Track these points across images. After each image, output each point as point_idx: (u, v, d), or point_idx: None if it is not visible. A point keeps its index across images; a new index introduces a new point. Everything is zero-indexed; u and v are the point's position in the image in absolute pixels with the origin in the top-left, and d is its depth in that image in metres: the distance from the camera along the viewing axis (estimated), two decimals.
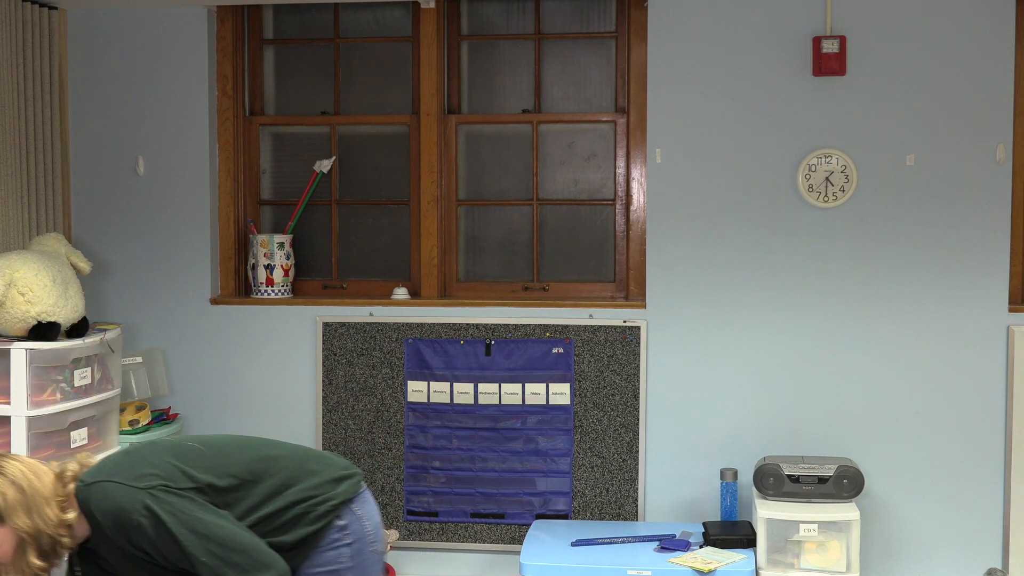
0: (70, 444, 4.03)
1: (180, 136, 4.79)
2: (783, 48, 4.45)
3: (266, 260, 4.76)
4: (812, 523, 4.10)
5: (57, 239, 4.28)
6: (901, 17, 4.40)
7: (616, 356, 4.57)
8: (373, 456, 4.71)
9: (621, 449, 4.59)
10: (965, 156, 4.40)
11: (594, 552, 4.16)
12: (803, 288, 4.49)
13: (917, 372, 4.45)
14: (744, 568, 3.99)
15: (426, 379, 4.66)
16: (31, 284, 3.95)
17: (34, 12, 4.49)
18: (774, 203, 4.49)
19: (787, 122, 4.47)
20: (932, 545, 4.46)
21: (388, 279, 4.89)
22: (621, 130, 4.73)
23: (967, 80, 4.38)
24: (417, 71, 4.81)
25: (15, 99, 4.36)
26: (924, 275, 4.43)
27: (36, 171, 4.51)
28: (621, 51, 4.74)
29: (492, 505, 4.67)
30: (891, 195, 4.44)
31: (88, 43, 4.79)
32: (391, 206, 4.93)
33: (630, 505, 4.60)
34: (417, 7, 4.77)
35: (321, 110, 4.94)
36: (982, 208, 4.40)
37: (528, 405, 4.61)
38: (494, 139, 4.91)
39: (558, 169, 4.85)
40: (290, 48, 4.99)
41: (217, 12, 4.80)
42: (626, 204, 4.71)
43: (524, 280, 4.85)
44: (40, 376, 3.94)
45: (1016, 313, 4.40)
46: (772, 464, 4.24)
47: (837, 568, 4.08)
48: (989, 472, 4.42)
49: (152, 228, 4.83)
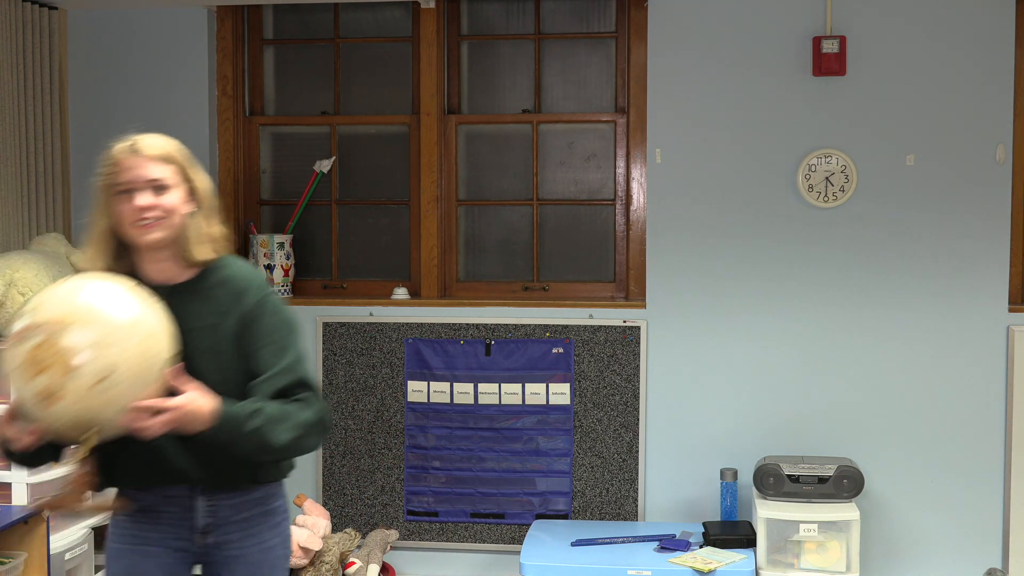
0: None
1: (180, 136, 4.72)
2: (783, 48, 4.45)
3: (266, 260, 4.76)
4: (812, 523, 4.10)
5: (57, 239, 4.28)
6: (901, 17, 4.40)
7: (616, 356, 4.57)
8: (373, 456, 4.71)
9: (621, 449, 4.59)
10: (965, 156, 4.40)
11: (594, 552, 4.16)
12: (803, 288, 4.49)
13: (917, 372, 4.45)
14: (744, 568, 3.99)
15: (426, 379, 4.66)
16: (31, 284, 3.96)
17: (34, 12, 4.49)
18: (774, 203, 4.49)
19: (787, 122, 4.47)
20: (932, 545, 4.46)
21: (388, 279, 4.89)
22: (621, 130, 4.73)
23: (967, 80, 4.38)
24: (417, 71, 4.81)
25: (15, 99, 4.36)
26: (924, 275, 4.43)
27: (36, 171, 4.51)
28: (621, 51, 4.74)
29: (492, 505, 4.67)
30: (891, 195, 4.44)
31: (88, 43, 4.79)
32: (391, 206, 4.93)
33: (630, 505, 4.60)
34: (417, 7, 4.77)
35: (321, 110, 4.94)
36: (982, 208, 4.40)
37: (528, 405, 4.61)
38: (494, 139, 4.91)
39: (558, 169, 4.85)
40: (290, 48, 4.99)
41: (217, 12, 4.80)
42: (626, 204, 4.71)
43: (524, 280, 4.85)
44: None
45: (1016, 313, 4.40)
46: (772, 464, 4.24)
47: (837, 568, 4.08)
48: (989, 472, 4.42)
49: None
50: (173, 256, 2.43)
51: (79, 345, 2.12)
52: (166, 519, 2.46)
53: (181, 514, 2.46)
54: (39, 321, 2.14)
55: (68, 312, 2.15)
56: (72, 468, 2.29)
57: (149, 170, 2.37)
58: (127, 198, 2.36)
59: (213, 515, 2.46)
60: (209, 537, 2.47)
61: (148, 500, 2.46)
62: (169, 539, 2.47)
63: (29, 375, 2.13)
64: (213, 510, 2.46)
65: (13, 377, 2.16)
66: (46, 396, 2.12)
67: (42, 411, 2.15)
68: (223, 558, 2.49)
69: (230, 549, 2.49)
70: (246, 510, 2.49)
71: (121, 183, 2.36)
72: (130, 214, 2.35)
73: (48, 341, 2.12)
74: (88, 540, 4.05)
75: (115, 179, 2.37)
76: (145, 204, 2.34)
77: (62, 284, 2.24)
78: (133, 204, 2.34)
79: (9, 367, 2.16)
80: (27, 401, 2.16)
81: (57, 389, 2.12)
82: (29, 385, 2.13)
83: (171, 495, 2.45)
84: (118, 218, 2.37)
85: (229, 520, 2.47)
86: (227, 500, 2.47)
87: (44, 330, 2.13)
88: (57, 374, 2.11)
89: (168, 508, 2.46)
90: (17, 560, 3.58)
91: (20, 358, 2.14)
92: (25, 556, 3.61)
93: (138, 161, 2.37)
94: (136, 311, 2.21)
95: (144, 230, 2.35)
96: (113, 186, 2.37)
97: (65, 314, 2.14)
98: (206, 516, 2.46)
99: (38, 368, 2.12)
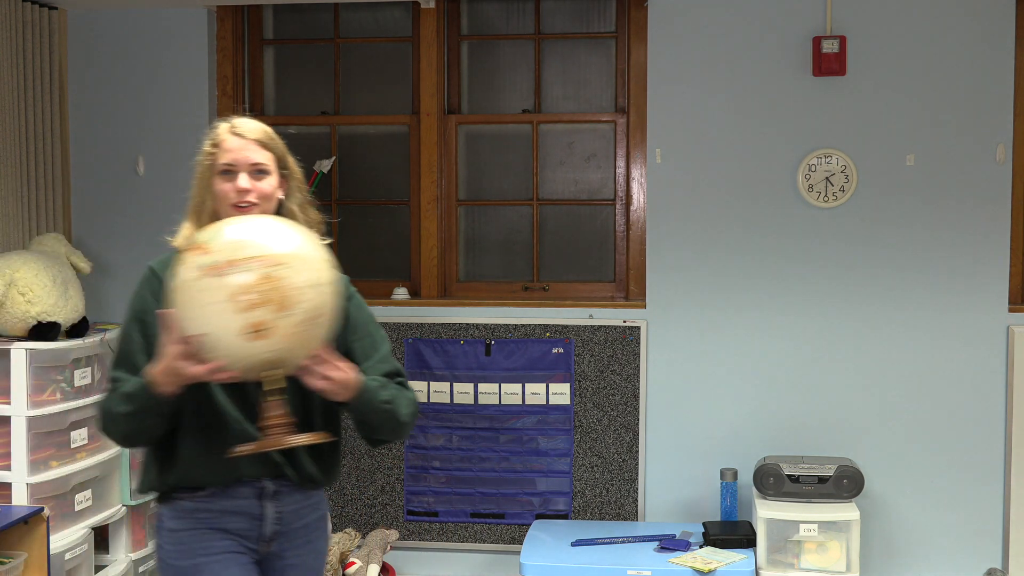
0: (70, 444, 4.03)
1: (180, 136, 4.79)
2: (783, 48, 4.45)
3: None
4: (812, 523, 4.10)
5: (57, 239, 4.28)
6: (901, 17, 4.40)
7: (616, 356, 4.57)
8: (373, 456, 4.71)
9: (621, 449, 4.59)
10: (965, 156, 4.40)
11: (594, 552, 4.16)
12: (803, 288, 4.49)
13: (917, 372, 4.45)
14: (744, 568, 3.99)
15: (426, 379, 4.66)
16: (31, 284, 3.96)
17: (34, 12, 4.49)
18: (774, 203, 4.49)
19: (787, 122, 4.47)
20: (932, 545, 4.46)
21: (388, 279, 4.89)
22: (621, 130, 4.73)
23: (967, 80, 4.38)
24: (417, 71, 4.81)
25: (15, 99, 4.36)
26: (924, 275, 4.43)
27: (36, 171, 4.51)
28: (621, 51, 4.74)
29: (492, 505, 4.67)
30: (891, 195, 4.44)
31: (88, 43, 4.79)
32: (391, 206, 4.93)
33: (630, 505, 4.60)
34: (417, 7, 4.77)
35: (321, 110, 4.94)
36: (982, 208, 4.40)
37: (528, 405, 4.61)
38: (494, 139, 4.91)
39: (558, 169, 4.85)
40: (290, 48, 4.99)
41: (217, 12, 4.80)
42: (626, 204, 4.71)
43: (524, 280, 4.85)
44: (40, 376, 3.94)
45: (1016, 313, 4.40)
46: (772, 464, 4.24)
47: (837, 568, 4.08)
48: (989, 472, 4.42)
49: (152, 228, 4.80)
50: None
51: (301, 284, 2.11)
52: (232, 527, 2.42)
53: (249, 522, 2.43)
54: (253, 254, 2.09)
55: (287, 251, 2.12)
56: (269, 409, 2.24)
57: (251, 153, 2.41)
58: (228, 178, 2.40)
59: (279, 522, 2.45)
60: (273, 545, 2.46)
61: (214, 509, 2.41)
62: (234, 550, 2.43)
63: (240, 307, 2.08)
64: (279, 517, 2.45)
65: (211, 307, 2.09)
66: (256, 330, 2.08)
67: (241, 344, 2.10)
68: (281, 567, 2.49)
69: (290, 557, 2.49)
70: (305, 516, 2.50)
71: (223, 164, 2.40)
72: (230, 194, 2.39)
73: (268, 276, 2.09)
74: (88, 540, 4.05)
75: (217, 159, 2.41)
76: (245, 187, 2.38)
77: (257, 221, 2.21)
78: (234, 185, 2.39)
79: (207, 297, 2.09)
80: (226, 333, 2.10)
81: (270, 325, 2.08)
82: (236, 317, 2.08)
83: (240, 503, 2.41)
84: (217, 196, 2.41)
85: (291, 527, 2.47)
86: (292, 506, 2.46)
87: (262, 264, 2.09)
88: (272, 309, 2.08)
89: (234, 518, 2.42)
90: (17, 560, 3.58)
91: (229, 289, 2.08)
92: (25, 556, 3.61)
93: (241, 144, 2.41)
94: (330, 263, 2.25)
95: (242, 212, 2.38)
96: (215, 166, 2.42)
97: (284, 253, 2.11)
98: (274, 524, 2.45)
99: (254, 302, 2.07)
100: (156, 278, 2.42)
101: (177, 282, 2.15)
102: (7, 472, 3.86)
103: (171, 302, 2.17)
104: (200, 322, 2.10)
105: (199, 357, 2.15)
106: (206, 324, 2.10)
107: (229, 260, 2.10)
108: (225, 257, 2.11)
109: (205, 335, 2.11)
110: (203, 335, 2.11)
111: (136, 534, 4.41)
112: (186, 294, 2.13)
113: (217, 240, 2.14)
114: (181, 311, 2.14)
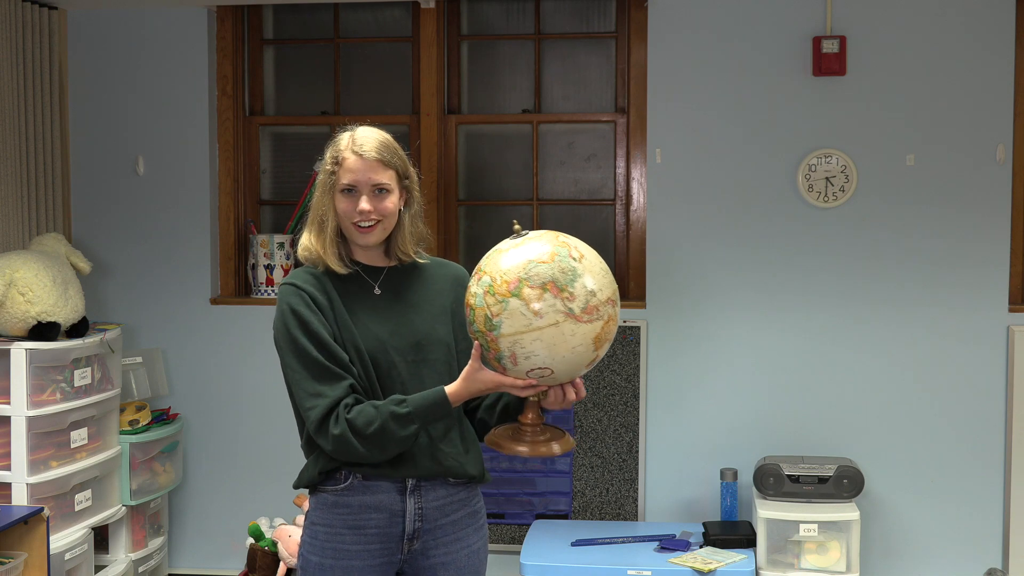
0: (70, 444, 4.03)
1: (180, 136, 4.79)
2: (783, 48, 4.45)
3: (266, 260, 4.76)
4: (812, 523, 4.10)
5: (57, 239, 4.28)
6: (901, 17, 4.40)
7: (616, 356, 4.57)
8: None
9: (621, 449, 4.59)
10: (965, 156, 4.40)
11: (594, 552, 4.16)
12: (803, 288, 4.49)
13: (917, 372, 4.45)
14: (744, 568, 3.99)
15: None
16: (31, 284, 3.96)
17: (34, 12, 4.49)
18: (774, 203, 4.49)
19: (787, 122, 4.47)
20: (932, 545, 4.46)
21: None
22: (621, 130, 4.73)
23: (967, 80, 4.38)
24: (417, 71, 4.81)
25: (15, 99, 4.36)
26: (924, 275, 4.43)
27: (36, 171, 4.51)
28: (621, 51, 4.74)
29: (492, 505, 4.66)
30: (891, 195, 4.44)
31: (88, 43, 4.79)
32: None
33: (630, 505, 4.60)
34: (417, 7, 4.77)
35: (321, 110, 4.94)
36: (982, 208, 4.40)
37: None
38: (494, 139, 4.91)
39: (558, 169, 4.85)
40: (290, 48, 4.99)
41: (217, 12, 4.80)
42: (626, 204, 4.71)
43: None
44: (40, 376, 3.94)
45: (1016, 313, 4.40)
46: (772, 464, 4.24)
47: (837, 568, 4.09)
48: (989, 472, 4.42)
49: (152, 228, 4.83)
50: (381, 248, 2.53)
51: (616, 313, 2.31)
52: (371, 525, 2.42)
53: (389, 519, 2.42)
54: (603, 299, 2.25)
55: (615, 288, 2.30)
56: (532, 417, 2.38)
57: (372, 174, 2.43)
58: (349, 196, 2.43)
59: (421, 519, 2.44)
60: (416, 543, 2.45)
61: (353, 505, 2.42)
62: (375, 550, 2.43)
63: (595, 347, 2.24)
64: (421, 513, 2.44)
65: (577, 350, 2.22)
66: (595, 362, 2.29)
67: (578, 373, 2.29)
68: (428, 565, 2.47)
69: (436, 556, 2.47)
70: (452, 512, 2.49)
71: (344, 183, 2.43)
72: (351, 214, 2.43)
73: (612, 318, 2.27)
74: (88, 540, 4.06)
75: (339, 178, 2.44)
76: (366, 208, 2.42)
77: (590, 257, 2.30)
78: (355, 206, 2.42)
79: (575, 341, 2.21)
80: (578, 369, 2.26)
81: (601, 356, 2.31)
82: (589, 355, 2.25)
83: (380, 498, 2.42)
84: (339, 214, 2.45)
85: (436, 524, 2.46)
86: (435, 502, 2.45)
87: (610, 306, 2.27)
88: (608, 344, 2.29)
89: (374, 514, 2.42)
90: (17, 560, 3.58)
91: (594, 334, 2.23)
92: (25, 556, 3.62)
93: (363, 164, 2.43)
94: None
95: (362, 232, 2.44)
96: (337, 184, 2.44)
97: (615, 290, 2.30)
98: (415, 520, 2.44)
99: (604, 340, 2.26)
100: (304, 291, 2.43)
101: (529, 322, 2.20)
102: (7, 472, 3.86)
103: (503, 333, 2.22)
104: (558, 360, 2.23)
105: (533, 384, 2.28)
106: (562, 362, 2.23)
107: (591, 306, 2.22)
108: (584, 304, 2.22)
109: (553, 370, 2.25)
110: (551, 369, 2.24)
111: (136, 534, 4.42)
112: (546, 334, 2.21)
113: (575, 285, 2.23)
114: (529, 347, 2.21)
